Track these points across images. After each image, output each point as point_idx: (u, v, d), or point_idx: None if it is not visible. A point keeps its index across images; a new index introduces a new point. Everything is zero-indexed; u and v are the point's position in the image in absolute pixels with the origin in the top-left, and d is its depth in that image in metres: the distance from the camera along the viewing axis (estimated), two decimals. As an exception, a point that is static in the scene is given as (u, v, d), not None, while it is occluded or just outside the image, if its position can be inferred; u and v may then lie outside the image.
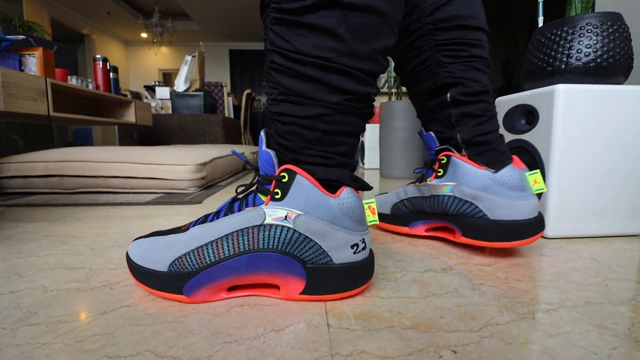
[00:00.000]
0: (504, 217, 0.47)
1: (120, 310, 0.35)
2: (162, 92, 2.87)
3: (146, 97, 3.19)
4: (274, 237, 0.35)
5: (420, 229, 0.59)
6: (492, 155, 0.50)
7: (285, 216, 0.34)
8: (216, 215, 0.38)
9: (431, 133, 0.55)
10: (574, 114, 0.57)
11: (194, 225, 0.38)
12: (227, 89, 3.64)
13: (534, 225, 0.47)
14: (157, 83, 3.25)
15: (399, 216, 0.61)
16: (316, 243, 0.35)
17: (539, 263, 0.48)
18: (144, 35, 6.60)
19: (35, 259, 0.50)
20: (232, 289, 0.38)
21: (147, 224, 0.71)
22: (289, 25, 0.33)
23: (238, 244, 0.35)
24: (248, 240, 0.35)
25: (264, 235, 0.35)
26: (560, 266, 0.47)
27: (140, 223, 0.72)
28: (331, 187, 0.36)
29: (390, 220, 0.62)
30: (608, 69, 0.59)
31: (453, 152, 0.52)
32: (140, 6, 5.73)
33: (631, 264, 0.48)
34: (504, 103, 0.71)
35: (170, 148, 1.38)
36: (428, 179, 0.56)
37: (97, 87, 1.90)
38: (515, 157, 0.50)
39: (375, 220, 0.39)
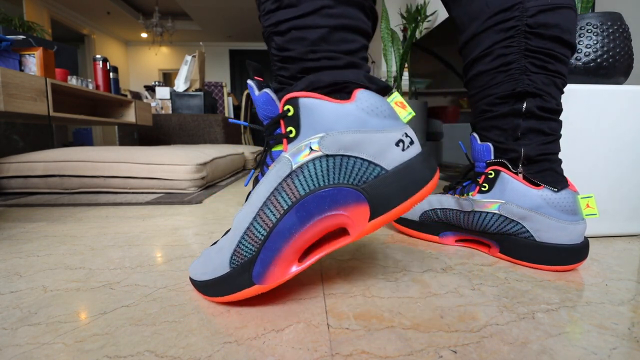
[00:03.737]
0: (551, 240, 0.45)
1: (120, 310, 0.35)
2: (162, 92, 2.87)
3: (146, 97, 3.19)
4: (310, 176, 0.31)
5: (450, 239, 0.57)
6: (552, 175, 0.47)
7: (310, 148, 0.31)
8: (248, 195, 0.36)
9: (488, 144, 0.51)
10: (574, 114, 0.57)
11: None
12: (227, 89, 3.64)
13: (581, 251, 0.45)
14: (157, 83, 3.25)
15: (428, 225, 0.58)
16: (356, 158, 0.31)
17: (539, 263, 0.48)
18: (144, 35, 6.60)
19: (35, 259, 0.50)
20: (302, 258, 0.34)
21: (147, 224, 0.71)
22: None
23: (279, 203, 0.32)
24: (287, 194, 0.32)
25: (299, 180, 0.31)
26: (560, 266, 0.47)
27: (140, 223, 0.72)
28: (344, 93, 0.33)
29: (418, 227, 0.59)
30: (608, 69, 0.59)
31: (507, 169, 0.49)
32: (140, 6, 5.74)
33: (631, 264, 0.48)
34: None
35: (170, 148, 1.38)
36: (470, 193, 0.52)
37: (97, 87, 1.90)
38: (569, 180, 0.48)
39: (411, 113, 0.34)
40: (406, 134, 0.32)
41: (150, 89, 3.24)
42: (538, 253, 0.46)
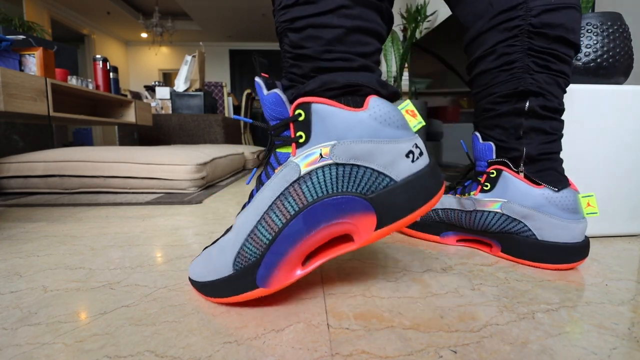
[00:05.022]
0: (553, 239, 0.46)
1: (120, 310, 0.35)
2: (162, 92, 2.87)
3: (146, 97, 3.19)
4: (319, 183, 0.31)
5: (452, 239, 0.56)
6: (553, 175, 0.48)
7: (320, 154, 0.31)
8: (250, 197, 0.35)
9: (490, 143, 0.51)
10: (573, 114, 0.57)
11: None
12: (227, 89, 3.64)
13: (582, 250, 0.45)
14: (157, 83, 3.25)
15: (429, 225, 0.58)
16: (366, 168, 0.31)
17: (539, 263, 0.48)
18: (144, 35, 6.60)
19: (35, 259, 0.50)
20: (305, 262, 0.34)
21: (147, 224, 0.71)
22: None
23: (286, 208, 0.32)
24: (294, 200, 0.31)
25: (307, 186, 0.31)
26: (560, 266, 0.47)
27: (140, 223, 0.72)
28: (357, 96, 0.32)
29: (418, 227, 0.59)
30: (608, 69, 0.59)
31: (509, 168, 0.49)
32: (140, 6, 5.73)
33: (631, 264, 0.48)
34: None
35: (170, 148, 1.38)
36: (472, 193, 0.52)
37: (97, 87, 1.90)
38: (569, 180, 0.48)
39: (422, 123, 0.35)
40: (416, 144, 0.33)
41: (150, 89, 3.24)
42: (540, 252, 0.46)
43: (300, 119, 0.31)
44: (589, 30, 0.59)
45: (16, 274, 0.44)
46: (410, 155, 0.32)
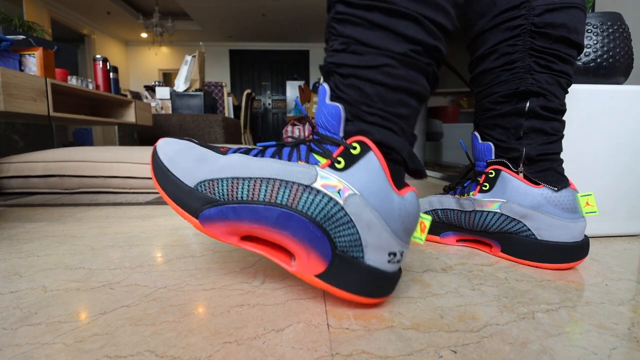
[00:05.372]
0: (552, 239, 0.46)
1: (120, 310, 0.35)
2: (162, 92, 2.87)
3: (146, 97, 3.19)
4: (317, 205, 0.32)
5: (451, 239, 0.57)
6: (552, 175, 0.47)
7: (339, 190, 0.31)
8: (261, 153, 0.35)
9: (489, 144, 0.51)
10: (573, 114, 0.57)
11: (233, 152, 0.35)
12: (227, 89, 3.65)
13: (581, 249, 0.45)
14: (157, 83, 3.25)
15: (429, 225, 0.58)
16: (357, 232, 0.32)
17: (539, 263, 0.48)
18: (144, 35, 6.60)
19: (35, 259, 0.50)
20: (247, 238, 0.35)
21: (147, 224, 0.71)
22: None
23: (277, 193, 0.32)
24: (289, 195, 0.32)
25: (307, 197, 0.32)
26: (560, 266, 0.47)
27: (140, 223, 0.72)
28: (389, 160, 0.33)
29: None
30: (608, 69, 0.59)
31: (508, 168, 0.49)
32: (140, 6, 5.73)
33: (631, 264, 0.48)
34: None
35: (170, 148, 1.38)
36: (471, 193, 0.52)
37: (97, 87, 1.90)
38: (569, 179, 0.48)
39: (421, 239, 0.36)
40: (403, 252, 0.34)
41: (150, 89, 3.24)
42: (539, 251, 0.46)
43: (353, 151, 0.32)
44: (589, 30, 0.59)
45: (16, 274, 0.44)
46: (391, 256, 0.33)
